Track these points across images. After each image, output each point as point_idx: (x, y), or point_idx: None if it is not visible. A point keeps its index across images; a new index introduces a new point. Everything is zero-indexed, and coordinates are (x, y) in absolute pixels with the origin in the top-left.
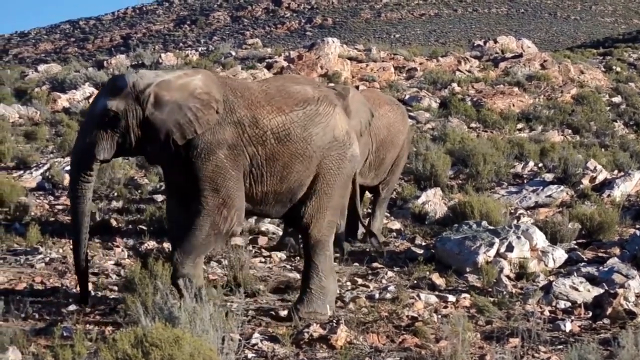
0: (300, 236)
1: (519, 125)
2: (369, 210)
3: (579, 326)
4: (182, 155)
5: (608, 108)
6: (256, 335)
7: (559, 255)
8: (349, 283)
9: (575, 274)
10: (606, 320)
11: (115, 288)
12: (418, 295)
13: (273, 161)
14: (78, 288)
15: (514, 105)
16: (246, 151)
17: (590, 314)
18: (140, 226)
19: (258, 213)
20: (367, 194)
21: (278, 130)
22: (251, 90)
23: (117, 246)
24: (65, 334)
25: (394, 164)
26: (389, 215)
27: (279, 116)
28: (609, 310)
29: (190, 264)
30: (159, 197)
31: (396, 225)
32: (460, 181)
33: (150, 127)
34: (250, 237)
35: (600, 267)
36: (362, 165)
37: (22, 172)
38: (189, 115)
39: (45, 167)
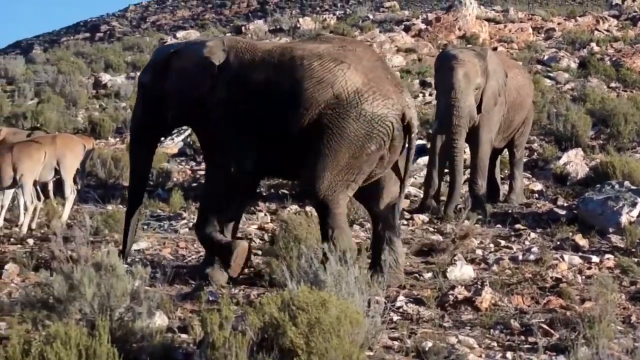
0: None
1: None
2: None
3: None
4: None
5: None
6: (401, 297)
7: None
8: (492, 245)
9: None
10: None
11: (259, 252)
12: (561, 257)
13: (269, 117)
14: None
15: None
16: (241, 109)
17: None
18: (282, 190)
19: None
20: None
21: (273, 86)
22: (256, 51)
23: (260, 210)
24: (211, 299)
25: (522, 126)
26: (530, 176)
27: (268, 73)
28: None
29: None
30: None
31: (538, 186)
32: (601, 141)
33: None
34: None
35: None
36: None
37: (163, 138)
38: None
39: (187, 133)
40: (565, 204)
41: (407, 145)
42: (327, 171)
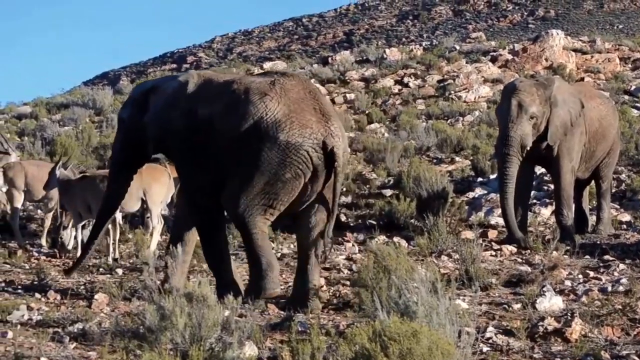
0: None
1: None
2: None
3: None
4: None
5: None
6: (490, 328)
7: None
8: (580, 276)
9: None
10: None
11: (347, 283)
12: None
13: (209, 149)
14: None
15: None
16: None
17: None
18: (370, 221)
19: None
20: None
21: (206, 120)
22: (211, 84)
23: (348, 241)
24: (300, 329)
25: (606, 156)
26: (618, 207)
27: (206, 108)
28: None
29: None
30: (388, 192)
31: (626, 217)
32: None
33: None
34: (480, 230)
35: None
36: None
37: None
38: None
39: None
40: None
41: (333, 175)
42: (243, 196)
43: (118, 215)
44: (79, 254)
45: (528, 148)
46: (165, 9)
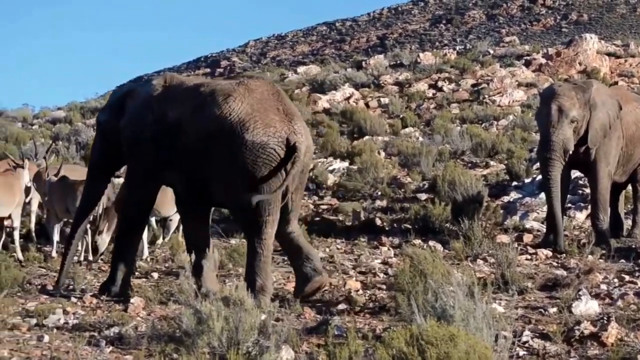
0: None
1: None
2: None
3: None
4: None
5: None
6: (527, 332)
7: None
8: (616, 280)
9: None
10: None
11: (383, 286)
12: None
13: (183, 153)
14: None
15: None
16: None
17: None
18: (405, 225)
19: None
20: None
21: (177, 122)
22: (181, 86)
23: (383, 245)
24: (337, 333)
25: None
26: None
27: (176, 109)
28: None
29: None
30: (423, 196)
31: None
32: None
33: None
34: (516, 234)
35: None
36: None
37: None
38: None
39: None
40: None
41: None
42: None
43: (152, 220)
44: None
45: (570, 152)
46: (199, 14)
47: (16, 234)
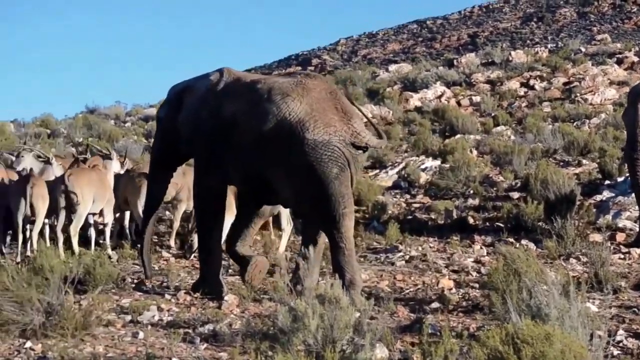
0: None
1: None
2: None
3: None
4: None
5: None
6: (620, 332)
7: None
8: None
9: None
10: None
11: (476, 285)
12: None
13: (239, 150)
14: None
15: None
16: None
17: None
18: (498, 223)
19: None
20: None
21: (232, 118)
22: (239, 82)
23: (476, 243)
24: (431, 331)
25: None
26: None
27: (231, 105)
28: None
29: None
30: (515, 194)
31: None
32: None
33: None
34: (609, 233)
35: None
36: None
37: (378, 171)
38: None
39: (401, 166)
40: None
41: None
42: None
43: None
44: None
45: None
46: (291, 11)
47: (107, 230)
